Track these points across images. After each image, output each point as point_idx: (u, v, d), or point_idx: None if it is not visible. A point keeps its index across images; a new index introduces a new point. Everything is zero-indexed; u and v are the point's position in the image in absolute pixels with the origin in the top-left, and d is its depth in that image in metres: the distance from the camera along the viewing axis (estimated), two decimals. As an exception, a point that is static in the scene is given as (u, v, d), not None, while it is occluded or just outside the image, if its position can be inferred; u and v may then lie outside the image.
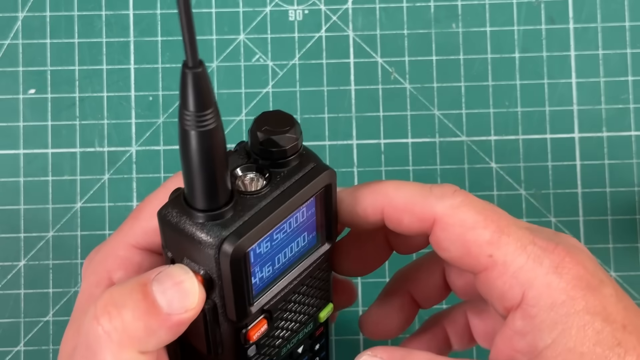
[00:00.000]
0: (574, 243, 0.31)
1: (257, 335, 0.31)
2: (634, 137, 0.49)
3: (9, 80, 0.49)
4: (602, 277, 0.30)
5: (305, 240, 0.32)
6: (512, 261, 0.30)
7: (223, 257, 0.28)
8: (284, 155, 0.30)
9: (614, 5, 0.50)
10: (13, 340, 0.47)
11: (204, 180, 0.28)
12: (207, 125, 0.27)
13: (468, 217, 0.30)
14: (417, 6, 0.50)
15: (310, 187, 0.30)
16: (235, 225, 0.28)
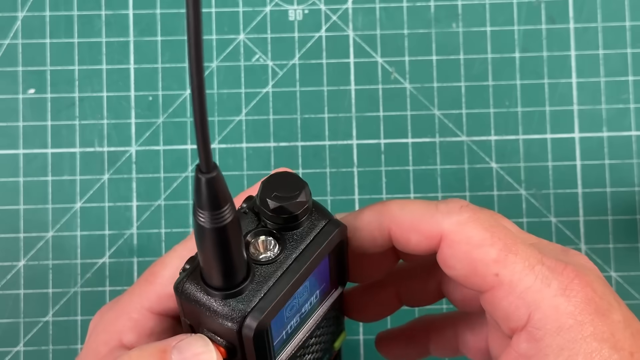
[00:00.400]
0: (584, 262, 0.31)
1: None
2: (634, 137, 0.49)
3: (9, 80, 0.49)
4: (610, 300, 0.29)
5: (320, 294, 0.32)
6: (519, 281, 0.29)
7: (246, 333, 0.28)
8: (296, 220, 0.30)
9: (614, 5, 0.50)
10: (12, 341, 0.47)
11: (221, 267, 0.28)
12: (223, 221, 0.26)
13: (475, 234, 0.29)
14: (417, 6, 0.50)
15: (325, 247, 0.30)
16: (255, 300, 0.28)
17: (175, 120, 0.49)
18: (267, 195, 0.30)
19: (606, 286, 0.30)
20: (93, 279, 0.48)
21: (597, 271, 0.30)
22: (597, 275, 0.30)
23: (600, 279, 0.30)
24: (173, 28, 0.49)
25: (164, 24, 0.49)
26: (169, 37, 0.49)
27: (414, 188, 0.49)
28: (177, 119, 0.49)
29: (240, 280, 0.28)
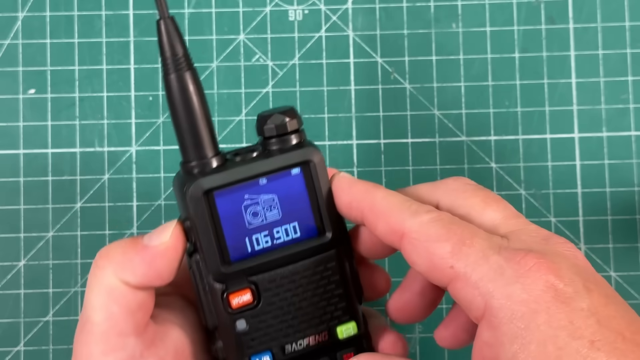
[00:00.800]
0: (562, 250, 0.30)
1: (237, 302, 0.33)
2: (633, 137, 0.49)
3: (9, 80, 0.49)
4: (578, 287, 0.29)
5: (298, 225, 0.34)
6: (473, 271, 0.29)
7: (187, 195, 0.32)
8: (273, 133, 0.34)
9: (614, 5, 0.50)
10: (13, 340, 0.47)
11: (186, 123, 0.33)
12: (181, 70, 0.33)
13: (433, 231, 0.31)
14: (417, 6, 0.50)
15: (290, 156, 0.33)
16: (208, 172, 0.33)
17: (176, 120, 0.49)
18: (262, 114, 0.34)
19: (578, 273, 0.29)
20: (93, 278, 0.48)
21: (574, 258, 0.30)
22: (569, 263, 0.30)
23: (575, 266, 0.30)
24: (173, 28, 0.49)
25: (164, 24, 0.49)
26: (169, 37, 0.49)
27: (414, 188, 0.49)
28: (177, 119, 0.49)
29: (207, 155, 0.33)
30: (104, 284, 0.32)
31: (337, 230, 0.34)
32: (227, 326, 0.33)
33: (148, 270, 0.32)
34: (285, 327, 0.34)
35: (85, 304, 0.33)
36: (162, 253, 0.33)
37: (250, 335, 0.34)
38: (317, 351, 0.35)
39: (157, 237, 0.33)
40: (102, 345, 0.32)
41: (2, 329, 0.47)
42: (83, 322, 0.33)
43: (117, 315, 0.32)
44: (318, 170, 0.34)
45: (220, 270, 0.33)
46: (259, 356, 0.34)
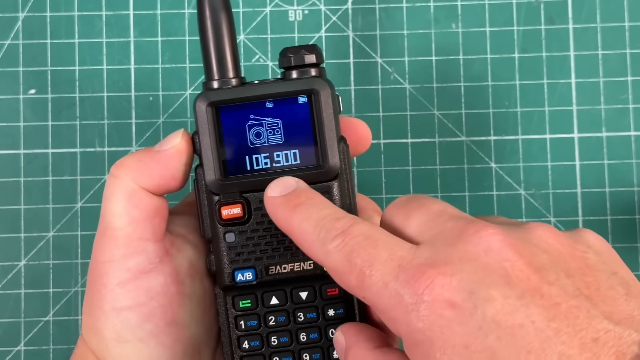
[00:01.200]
0: (470, 245, 0.28)
1: (227, 214, 0.35)
2: (633, 137, 0.49)
3: (10, 81, 0.49)
4: (478, 299, 0.26)
5: (298, 152, 0.35)
6: (378, 302, 0.29)
7: (195, 105, 0.35)
8: (290, 64, 0.35)
9: (614, 6, 0.50)
10: (13, 340, 0.47)
11: (211, 41, 0.35)
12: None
13: (338, 263, 0.30)
14: (417, 6, 0.50)
15: (297, 83, 0.35)
16: (221, 89, 0.35)
17: (176, 121, 0.49)
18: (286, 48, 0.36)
19: (482, 279, 0.27)
20: (94, 278, 0.48)
21: (486, 252, 0.28)
22: (478, 265, 0.27)
23: (483, 267, 0.27)
24: (173, 28, 0.49)
25: (165, 24, 0.49)
26: (169, 37, 0.49)
27: (414, 188, 0.49)
28: (178, 119, 0.49)
29: (227, 75, 0.35)
30: (124, 191, 0.35)
31: (335, 163, 0.35)
32: (218, 237, 0.35)
33: (163, 171, 0.35)
34: (272, 249, 0.35)
35: (105, 212, 0.35)
36: (175, 155, 0.35)
37: (237, 249, 0.35)
38: (301, 279, 0.36)
39: (168, 142, 0.36)
40: (124, 249, 0.34)
41: (3, 328, 0.48)
42: (103, 228, 0.35)
43: (138, 219, 0.35)
44: (323, 102, 0.35)
45: (217, 181, 0.35)
46: (242, 272, 0.35)
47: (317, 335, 0.36)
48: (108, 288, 0.34)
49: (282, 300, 0.36)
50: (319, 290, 0.36)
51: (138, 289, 0.34)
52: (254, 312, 0.36)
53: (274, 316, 0.36)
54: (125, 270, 0.34)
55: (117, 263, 0.34)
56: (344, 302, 0.36)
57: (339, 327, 0.33)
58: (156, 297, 0.35)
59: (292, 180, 0.34)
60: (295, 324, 0.36)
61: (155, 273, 0.35)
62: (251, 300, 0.36)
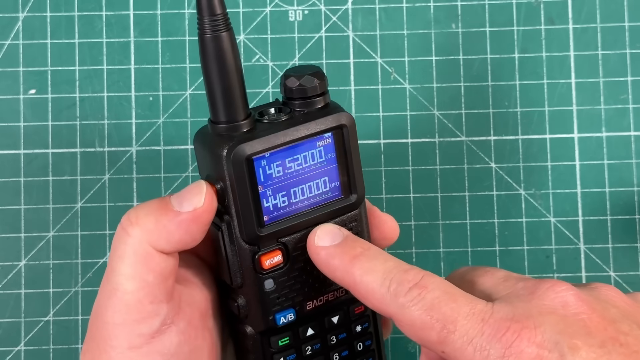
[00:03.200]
0: (547, 299, 0.30)
1: (269, 264, 0.34)
2: (633, 137, 0.49)
3: (10, 81, 0.49)
4: (563, 349, 0.28)
5: (327, 187, 0.35)
6: (461, 357, 0.29)
7: (227, 159, 0.32)
8: (304, 95, 0.34)
9: (614, 6, 0.50)
10: (13, 340, 0.47)
11: (221, 85, 0.32)
12: (219, 30, 0.32)
13: (416, 317, 0.30)
14: (417, 6, 0.50)
15: (324, 121, 0.34)
16: (244, 136, 0.33)
17: (176, 121, 0.49)
18: (287, 73, 0.34)
19: (564, 330, 0.29)
20: (94, 278, 0.48)
21: (563, 306, 0.30)
22: (557, 317, 0.29)
23: (562, 320, 0.29)
24: (173, 28, 0.49)
25: (165, 24, 0.49)
26: (169, 37, 0.49)
27: (414, 188, 0.49)
28: (178, 119, 0.49)
29: (239, 118, 0.33)
30: (138, 253, 0.32)
31: (362, 193, 0.35)
32: (255, 285, 0.34)
33: (183, 235, 0.32)
34: (308, 285, 0.35)
35: (113, 271, 0.32)
36: (197, 218, 0.32)
37: (277, 294, 0.34)
38: (333, 306, 0.36)
39: (190, 202, 0.33)
40: (136, 314, 0.32)
41: (3, 328, 0.48)
42: (112, 288, 0.32)
43: (151, 283, 0.32)
44: (350, 134, 0.34)
45: (255, 233, 0.33)
46: (283, 314, 0.35)
47: (347, 353, 0.36)
48: (118, 351, 0.32)
49: (317, 330, 0.36)
50: (347, 311, 0.36)
51: (151, 353, 0.33)
52: (291, 346, 0.35)
53: (310, 345, 0.35)
54: (138, 335, 0.32)
55: (128, 327, 0.32)
56: (368, 316, 0.37)
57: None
58: (171, 359, 0.33)
59: (336, 228, 0.34)
60: (328, 347, 0.36)
61: (168, 334, 0.33)
62: (289, 337, 0.35)
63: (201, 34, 0.32)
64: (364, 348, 0.37)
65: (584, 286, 0.32)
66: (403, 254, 0.49)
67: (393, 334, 0.46)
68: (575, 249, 0.48)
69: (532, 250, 0.49)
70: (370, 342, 0.37)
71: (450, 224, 0.49)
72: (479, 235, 0.49)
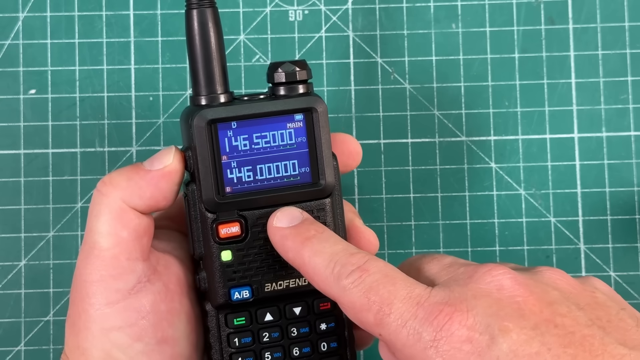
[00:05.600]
0: (482, 283, 0.30)
1: (225, 233, 0.34)
2: (633, 137, 0.49)
3: (10, 81, 0.49)
4: (494, 331, 0.28)
5: (296, 171, 0.36)
6: (396, 339, 0.30)
7: (192, 123, 0.34)
8: (283, 80, 0.35)
9: (614, 6, 0.50)
10: (13, 340, 0.47)
11: (201, 56, 0.35)
12: (204, 6, 0.34)
13: (355, 299, 0.31)
14: (417, 6, 0.50)
15: (294, 102, 0.35)
16: (215, 106, 0.35)
17: (176, 121, 0.49)
18: (274, 62, 0.36)
19: (496, 313, 0.29)
20: (94, 278, 0.48)
21: (498, 290, 0.30)
22: (491, 300, 0.29)
23: (496, 302, 0.29)
24: (173, 28, 0.49)
25: (165, 24, 0.49)
26: (169, 37, 0.49)
27: (414, 188, 0.49)
28: (178, 119, 0.49)
29: (217, 90, 0.35)
30: (112, 210, 0.34)
31: (331, 181, 0.35)
32: (213, 256, 0.35)
33: (154, 191, 0.34)
34: (268, 265, 0.35)
35: (90, 230, 0.34)
36: (166, 175, 0.35)
37: (234, 267, 0.35)
38: (295, 294, 0.36)
39: (159, 161, 0.35)
40: (113, 270, 0.34)
41: (3, 328, 0.48)
42: (89, 247, 0.34)
43: (126, 239, 0.34)
44: (320, 120, 0.35)
45: (214, 199, 0.34)
46: (239, 290, 0.35)
47: (309, 350, 0.36)
48: (95, 308, 0.34)
49: (276, 317, 0.36)
50: (311, 305, 0.36)
51: (128, 309, 0.34)
52: (247, 329, 0.36)
53: (267, 332, 0.36)
54: (115, 291, 0.34)
55: (105, 284, 0.34)
56: (334, 316, 0.37)
57: None
58: (147, 317, 0.34)
59: (297, 211, 0.34)
60: (288, 339, 0.36)
61: (144, 292, 0.34)
62: (245, 317, 0.35)
63: (187, 9, 0.35)
64: (328, 349, 0.37)
65: (526, 270, 0.32)
66: (403, 254, 0.49)
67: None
68: (575, 249, 0.48)
69: (532, 250, 0.49)
70: (335, 345, 0.37)
71: (450, 224, 0.49)
72: (479, 235, 0.49)
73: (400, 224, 0.49)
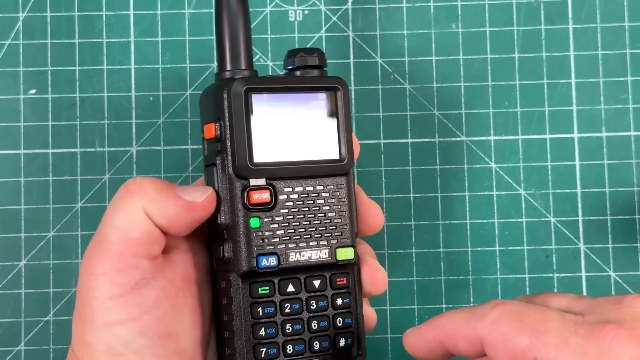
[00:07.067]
0: (637, 308, 0.31)
1: (257, 198, 0.35)
2: (633, 137, 0.49)
3: (10, 81, 0.49)
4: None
5: (318, 146, 0.37)
6: (556, 358, 0.30)
7: (227, 93, 0.35)
8: (304, 63, 0.37)
9: (613, 6, 0.50)
10: (13, 340, 0.47)
11: (228, 33, 0.36)
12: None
13: (505, 329, 0.31)
14: (417, 6, 0.50)
15: (320, 79, 0.37)
16: (245, 78, 0.36)
17: (176, 121, 0.49)
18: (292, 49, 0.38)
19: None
20: (94, 278, 0.48)
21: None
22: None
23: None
24: (173, 29, 0.49)
25: (165, 24, 0.49)
26: (169, 37, 0.49)
27: (414, 188, 0.49)
28: (178, 119, 0.49)
29: (243, 66, 0.37)
30: (131, 209, 0.34)
31: (351, 159, 0.37)
32: (242, 222, 0.35)
33: (173, 216, 0.35)
34: (293, 235, 0.36)
35: (104, 222, 0.35)
36: (191, 208, 0.35)
37: (262, 234, 0.35)
38: (316, 267, 0.37)
39: (192, 194, 0.35)
40: (117, 264, 0.34)
41: (3, 328, 0.48)
42: (99, 239, 0.35)
43: (136, 239, 0.34)
44: (344, 99, 0.37)
45: (247, 165, 0.35)
46: (266, 257, 0.35)
47: (326, 324, 0.37)
48: (99, 301, 0.34)
49: (298, 288, 0.36)
50: (329, 279, 0.37)
51: (131, 303, 0.34)
52: (270, 299, 0.36)
53: (289, 303, 0.36)
54: (117, 285, 0.34)
55: (109, 277, 0.34)
56: (349, 292, 0.37)
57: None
58: (149, 312, 0.34)
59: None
60: (307, 312, 0.37)
61: (148, 287, 0.35)
62: (269, 287, 0.36)
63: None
64: (344, 325, 0.37)
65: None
66: (403, 254, 0.49)
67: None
68: (575, 249, 0.48)
69: (532, 250, 0.49)
70: (350, 322, 0.37)
71: (450, 224, 0.49)
72: (479, 235, 0.49)
73: (400, 224, 0.49)
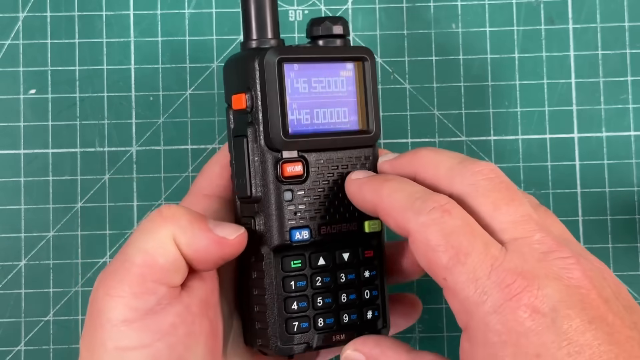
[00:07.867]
0: (556, 267, 0.31)
1: (290, 171, 0.35)
2: (633, 137, 0.49)
3: (10, 81, 0.49)
4: (558, 315, 0.29)
5: (346, 118, 0.37)
6: (461, 290, 0.30)
7: (259, 63, 0.34)
8: (329, 32, 0.37)
9: (613, 6, 0.50)
10: (13, 340, 0.47)
11: (257, 4, 0.36)
12: None
13: (432, 237, 0.31)
14: (417, 6, 0.50)
15: (348, 49, 0.37)
16: (274, 47, 0.35)
17: (176, 121, 0.49)
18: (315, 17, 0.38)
19: (564, 299, 0.30)
20: (94, 278, 0.48)
21: (569, 279, 0.30)
22: (561, 286, 0.30)
23: (566, 289, 0.30)
24: (173, 28, 0.49)
25: (165, 24, 0.49)
26: (169, 37, 0.49)
27: (414, 188, 0.49)
28: (178, 119, 0.49)
29: (269, 35, 0.36)
30: (161, 235, 0.34)
31: (378, 130, 0.37)
32: (275, 195, 0.35)
33: (201, 249, 0.34)
34: (324, 208, 0.36)
35: (131, 243, 0.34)
36: (220, 244, 0.34)
37: (294, 207, 0.35)
38: (345, 240, 0.37)
39: (224, 230, 0.35)
40: (136, 287, 0.33)
41: (3, 328, 0.48)
42: (121, 260, 0.34)
43: (160, 265, 0.33)
44: (371, 69, 0.37)
45: (281, 137, 0.35)
46: (299, 230, 0.35)
47: (355, 297, 0.37)
48: (112, 323, 0.33)
49: (328, 261, 0.36)
50: (358, 252, 0.37)
51: (144, 329, 0.33)
52: (302, 272, 0.36)
53: (320, 277, 0.36)
54: (133, 309, 0.33)
55: (125, 300, 0.33)
56: (375, 265, 0.38)
57: (351, 344, 0.35)
58: (163, 339, 0.33)
59: (370, 171, 0.36)
60: (337, 285, 0.36)
61: (164, 313, 0.33)
62: (302, 260, 0.36)
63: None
64: (371, 297, 0.37)
65: (590, 261, 0.32)
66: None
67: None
68: (575, 249, 0.48)
69: (532, 250, 0.49)
70: (377, 293, 0.38)
71: (450, 224, 0.49)
72: (479, 235, 0.49)
73: (400, 224, 0.49)
